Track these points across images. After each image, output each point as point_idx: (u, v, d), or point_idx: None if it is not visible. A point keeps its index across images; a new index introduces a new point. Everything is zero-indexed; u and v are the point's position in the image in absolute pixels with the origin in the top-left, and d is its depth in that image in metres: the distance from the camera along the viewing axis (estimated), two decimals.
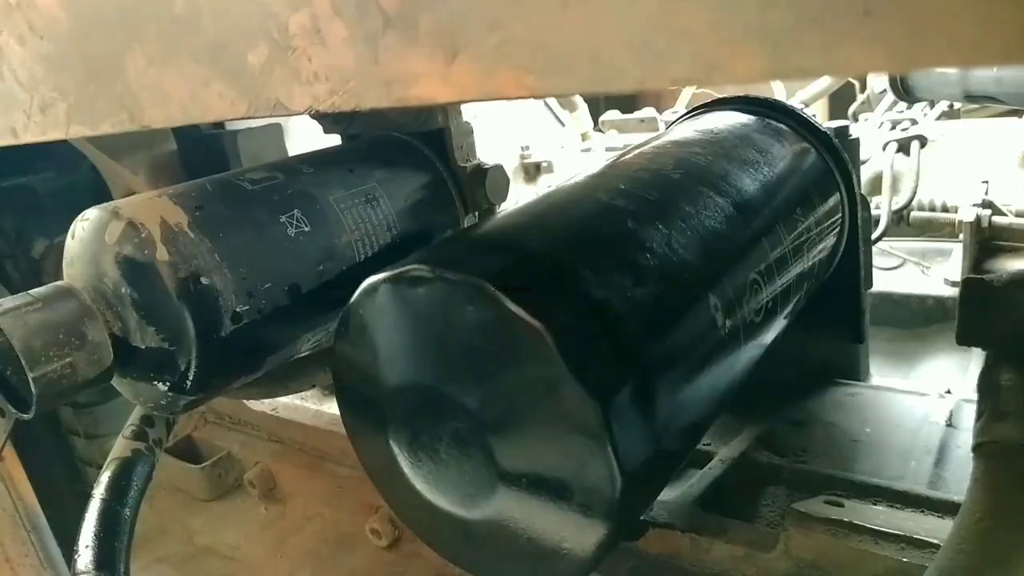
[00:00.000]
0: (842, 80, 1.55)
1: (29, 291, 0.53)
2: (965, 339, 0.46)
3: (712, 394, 0.52)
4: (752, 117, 0.72)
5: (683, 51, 0.27)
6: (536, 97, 0.32)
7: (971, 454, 0.43)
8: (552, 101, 1.71)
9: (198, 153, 0.86)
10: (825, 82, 1.55)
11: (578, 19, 0.30)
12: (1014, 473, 0.41)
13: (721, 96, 0.78)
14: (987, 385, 0.44)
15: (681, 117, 0.79)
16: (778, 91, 1.59)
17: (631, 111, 1.72)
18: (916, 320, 1.04)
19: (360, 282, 0.47)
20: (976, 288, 0.44)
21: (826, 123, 0.75)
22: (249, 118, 0.47)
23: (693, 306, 0.49)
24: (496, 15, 0.32)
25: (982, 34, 0.21)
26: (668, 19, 0.27)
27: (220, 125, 0.91)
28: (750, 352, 0.55)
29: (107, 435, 1.32)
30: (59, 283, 0.53)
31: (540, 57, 0.31)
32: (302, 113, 0.45)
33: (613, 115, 1.70)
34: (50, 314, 0.50)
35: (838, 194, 0.73)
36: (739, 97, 0.75)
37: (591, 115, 1.78)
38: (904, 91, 1.01)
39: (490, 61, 0.33)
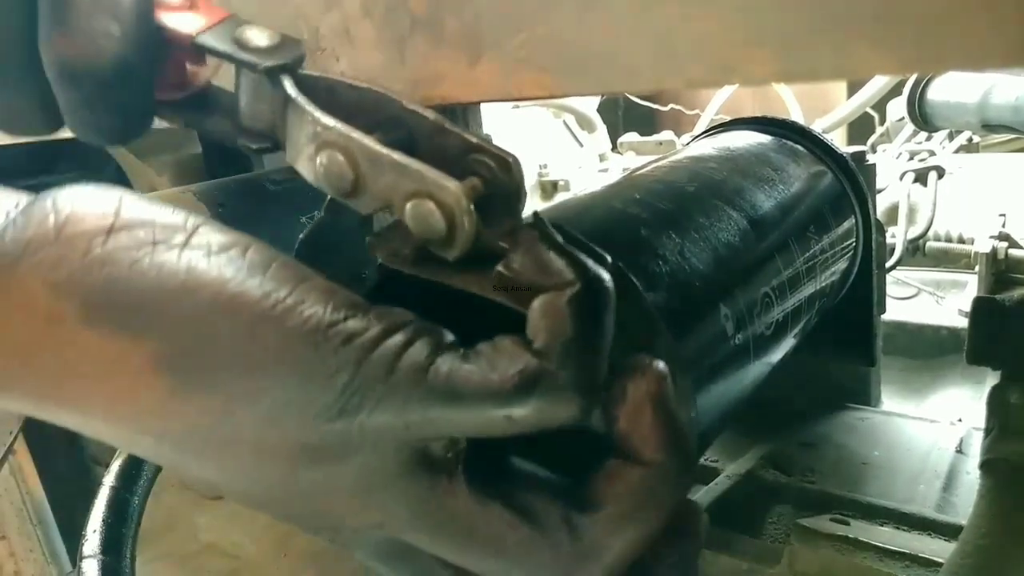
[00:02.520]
0: (861, 110, 1.56)
1: None
2: (976, 358, 0.46)
3: (719, 404, 0.52)
4: (769, 137, 0.73)
5: (700, 53, 0.28)
6: (556, 97, 0.32)
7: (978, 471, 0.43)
8: (571, 122, 1.73)
9: (222, 156, 0.87)
10: (845, 111, 1.56)
11: (598, 21, 0.31)
12: (1020, 490, 0.41)
13: (739, 117, 0.79)
14: (996, 403, 0.44)
15: (699, 135, 0.80)
16: (797, 118, 1.60)
17: (650, 134, 1.73)
18: (929, 350, 1.04)
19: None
20: (988, 307, 0.44)
21: (843, 148, 0.76)
22: None
23: (704, 314, 0.49)
24: (520, 18, 0.33)
25: (990, 39, 0.22)
26: (686, 22, 0.28)
27: None
28: (759, 366, 0.56)
29: None
30: None
31: (560, 58, 0.32)
32: None
33: (631, 137, 1.71)
34: None
35: (853, 217, 0.73)
36: (757, 118, 0.76)
37: (610, 137, 1.80)
38: (922, 119, 1.01)
39: (512, 62, 0.34)
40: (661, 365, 0.27)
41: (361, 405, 0.25)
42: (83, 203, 0.26)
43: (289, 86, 0.31)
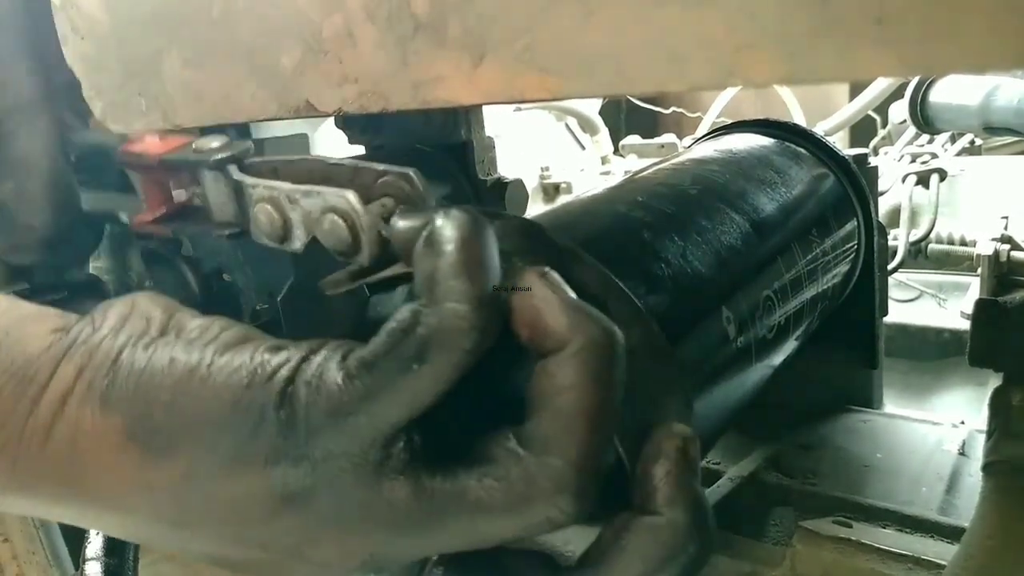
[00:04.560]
0: (863, 113, 1.56)
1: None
2: (978, 360, 0.46)
3: (722, 407, 0.52)
4: (771, 140, 0.73)
5: (703, 55, 0.28)
6: (558, 99, 0.33)
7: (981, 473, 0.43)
8: (574, 124, 1.73)
9: None
10: (847, 114, 1.56)
11: (602, 24, 0.31)
12: (1022, 492, 0.41)
13: (741, 119, 0.79)
14: (998, 405, 0.44)
15: (701, 138, 0.80)
16: (799, 121, 1.60)
17: (652, 136, 1.73)
18: (932, 353, 1.04)
19: None
20: (989, 309, 0.44)
21: (845, 150, 0.76)
22: (278, 119, 0.48)
23: (706, 318, 0.49)
24: (523, 20, 0.33)
25: (992, 41, 0.22)
26: (688, 24, 0.28)
27: (248, 134, 0.92)
28: (761, 369, 0.56)
29: None
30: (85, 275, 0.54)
31: (564, 61, 0.32)
32: (330, 115, 0.47)
33: (633, 140, 1.72)
34: (76, 306, 0.51)
35: (855, 219, 0.73)
36: (759, 120, 0.76)
37: (612, 139, 1.80)
38: (924, 122, 1.01)
39: (515, 64, 0.34)
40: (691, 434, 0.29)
41: (300, 431, 0.26)
42: (112, 309, 0.31)
43: (234, 171, 0.38)
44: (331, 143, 0.87)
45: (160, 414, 0.27)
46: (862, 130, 1.78)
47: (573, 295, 0.27)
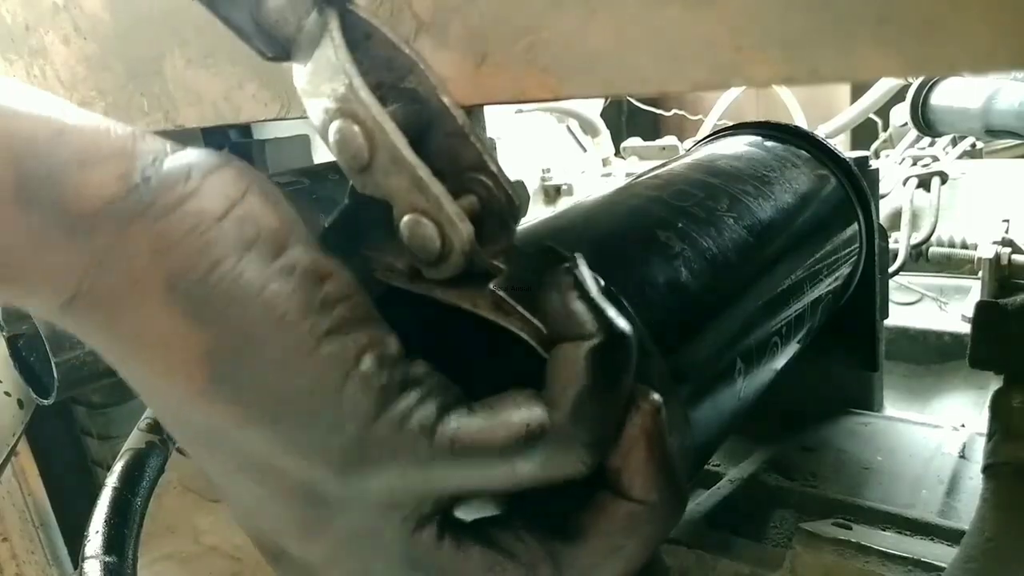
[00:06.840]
0: (864, 116, 1.56)
1: None
2: (978, 362, 0.46)
3: (722, 414, 0.52)
4: (772, 142, 0.73)
5: (704, 55, 0.28)
6: (560, 99, 0.33)
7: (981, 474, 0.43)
8: (575, 126, 1.73)
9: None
10: (848, 116, 1.56)
11: (604, 24, 0.31)
12: (1023, 494, 0.41)
13: (742, 121, 0.79)
14: (998, 407, 0.44)
15: (701, 141, 0.80)
16: (800, 124, 1.60)
17: (653, 139, 1.73)
18: (932, 356, 1.04)
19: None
20: (990, 312, 0.44)
21: (847, 153, 0.76)
22: (279, 120, 0.48)
23: (707, 322, 0.49)
24: (525, 20, 0.33)
25: (993, 41, 0.22)
26: (690, 25, 0.28)
27: (249, 134, 0.93)
28: (761, 375, 0.56)
29: (121, 437, 1.33)
30: None
31: (566, 60, 0.32)
32: None
33: (635, 142, 1.72)
34: None
35: (856, 222, 0.73)
36: (759, 122, 0.76)
37: (613, 142, 1.80)
38: (925, 125, 1.01)
39: (517, 64, 0.34)
40: (656, 398, 0.27)
41: (365, 461, 0.25)
42: (214, 180, 0.26)
43: (334, 27, 0.28)
44: None
45: (247, 358, 0.25)
46: (863, 133, 1.78)
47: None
